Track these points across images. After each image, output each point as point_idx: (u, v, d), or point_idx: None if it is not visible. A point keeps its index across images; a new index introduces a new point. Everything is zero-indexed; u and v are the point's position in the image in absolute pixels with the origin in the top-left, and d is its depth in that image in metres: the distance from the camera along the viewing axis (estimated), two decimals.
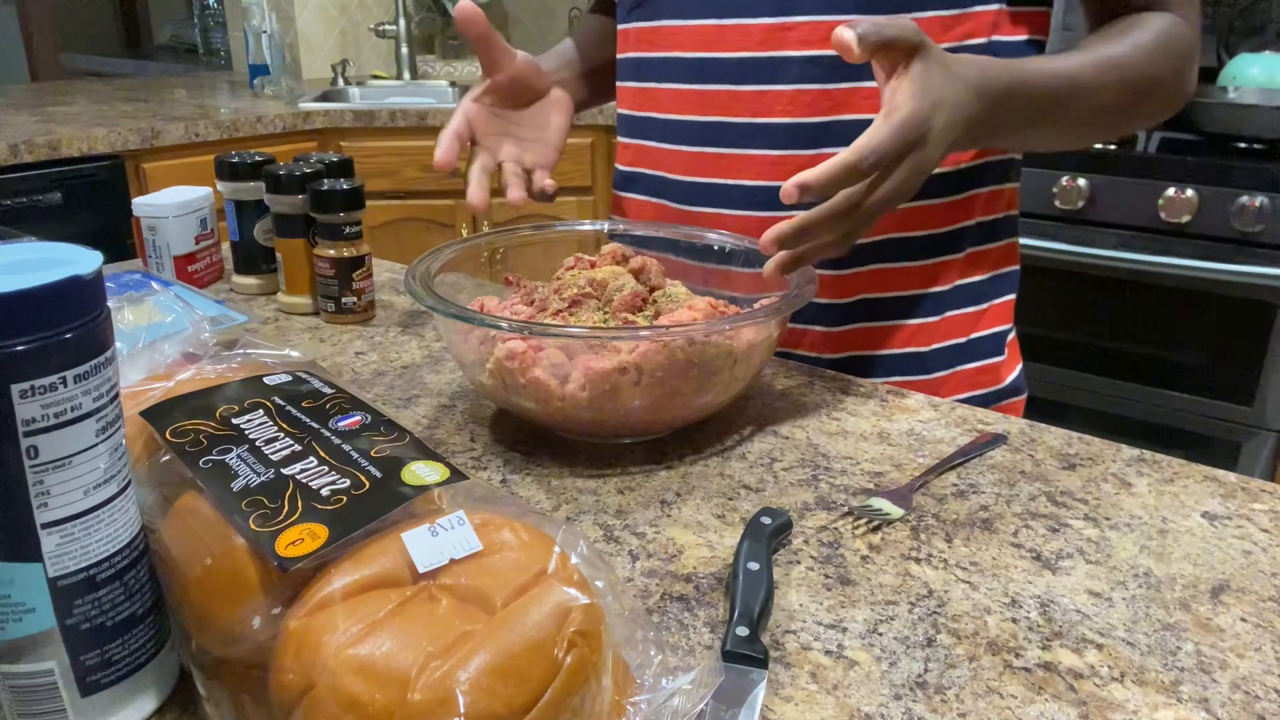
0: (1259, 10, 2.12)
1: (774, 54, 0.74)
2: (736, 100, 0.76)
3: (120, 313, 0.62)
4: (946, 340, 0.81)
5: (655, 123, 0.83)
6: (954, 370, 0.82)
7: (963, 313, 0.81)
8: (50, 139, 1.84)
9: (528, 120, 0.82)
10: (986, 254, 0.82)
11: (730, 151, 0.78)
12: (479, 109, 0.79)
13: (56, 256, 0.36)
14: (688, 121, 0.80)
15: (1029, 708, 0.42)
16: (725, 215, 0.79)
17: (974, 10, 0.73)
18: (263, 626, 0.35)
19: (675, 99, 0.80)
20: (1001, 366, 0.84)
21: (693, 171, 0.80)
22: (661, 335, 0.57)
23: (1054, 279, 1.89)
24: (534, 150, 0.81)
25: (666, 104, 0.81)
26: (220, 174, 0.92)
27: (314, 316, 0.89)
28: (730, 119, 0.77)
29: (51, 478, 0.35)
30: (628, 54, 0.85)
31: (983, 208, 0.80)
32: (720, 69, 0.77)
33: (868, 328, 0.80)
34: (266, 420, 0.44)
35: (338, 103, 2.47)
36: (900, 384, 0.79)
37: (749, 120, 0.76)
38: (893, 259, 0.78)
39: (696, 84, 0.78)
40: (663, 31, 0.80)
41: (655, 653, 0.39)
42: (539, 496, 0.58)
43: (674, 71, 0.80)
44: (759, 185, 0.77)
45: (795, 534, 0.54)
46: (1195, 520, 0.57)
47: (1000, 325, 0.84)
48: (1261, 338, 1.72)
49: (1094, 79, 0.69)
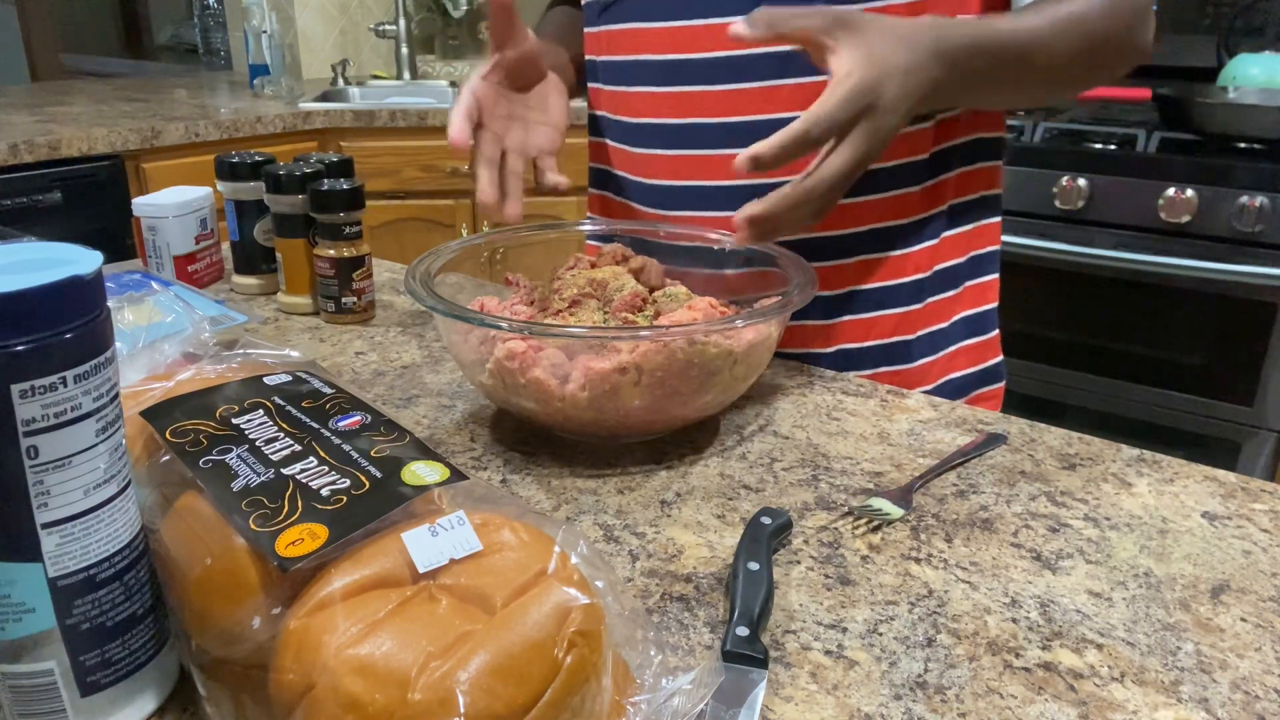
0: (1259, 10, 2.12)
1: (745, 52, 0.74)
2: (710, 100, 0.76)
3: (120, 313, 0.63)
4: (929, 326, 0.82)
5: (629, 126, 0.82)
6: (939, 355, 0.82)
7: (942, 297, 0.82)
8: (50, 139, 1.84)
9: (531, 102, 0.81)
10: (960, 237, 0.82)
11: (706, 153, 0.78)
12: (487, 87, 0.77)
13: (56, 256, 0.36)
14: (662, 124, 0.79)
15: (1029, 708, 0.42)
16: (704, 218, 0.79)
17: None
18: (263, 626, 0.35)
19: (647, 102, 0.80)
20: (985, 347, 0.85)
21: (671, 175, 0.80)
22: (661, 335, 0.57)
23: (1054, 279, 1.89)
24: (539, 132, 0.80)
25: (639, 108, 0.81)
26: (220, 174, 0.92)
27: (314, 316, 0.89)
28: (705, 120, 0.77)
29: (51, 478, 0.35)
30: (598, 57, 0.85)
31: (954, 191, 0.81)
32: (692, 70, 0.77)
33: (856, 319, 0.80)
34: (266, 420, 0.44)
35: (338, 103, 2.47)
36: (889, 374, 0.79)
37: (724, 120, 0.76)
38: (871, 250, 0.79)
39: (669, 86, 0.78)
40: (631, 34, 0.80)
41: (655, 653, 0.39)
42: (539, 496, 0.58)
43: (645, 74, 0.80)
44: (737, 185, 0.77)
45: (795, 534, 0.54)
46: (1195, 520, 0.57)
47: (983, 305, 0.85)
48: (1261, 338, 1.72)
49: (1052, 36, 0.69)
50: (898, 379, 0.80)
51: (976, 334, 0.84)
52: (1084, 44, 0.70)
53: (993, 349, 0.86)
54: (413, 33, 2.87)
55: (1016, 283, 1.86)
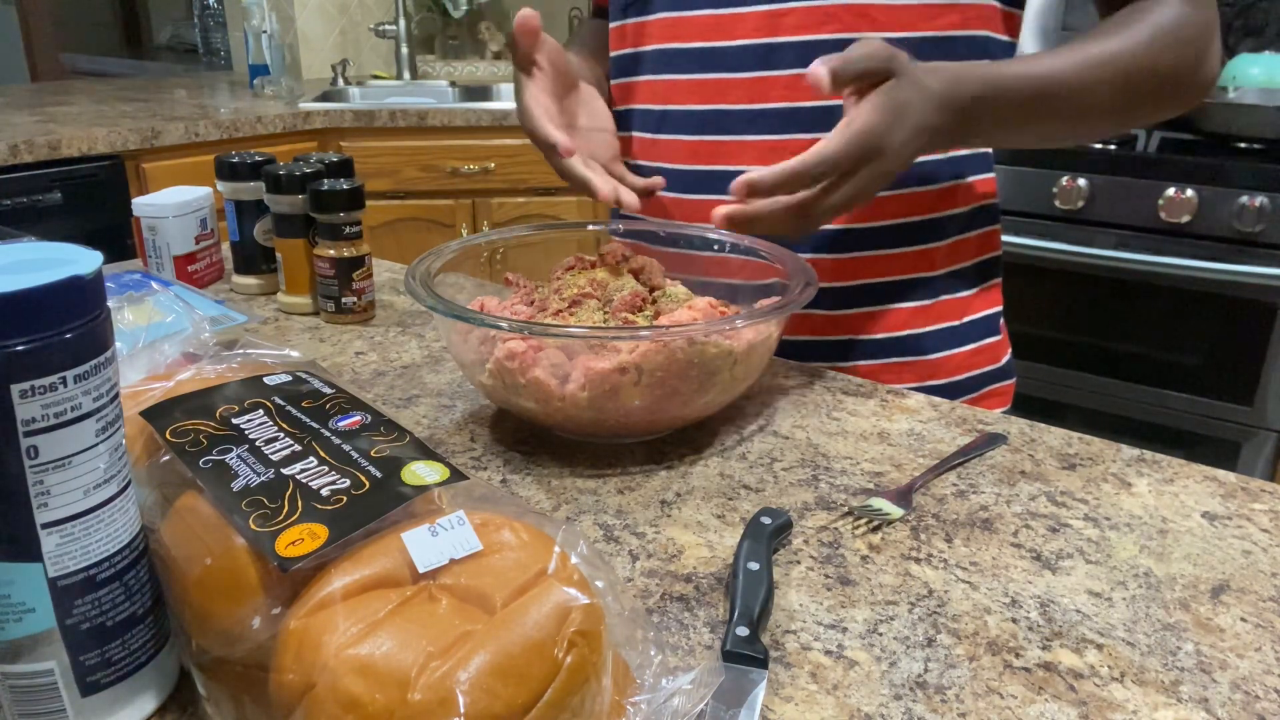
0: (1259, 10, 2.12)
1: (770, 40, 0.75)
2: (735, 87, 0.77)
3: (120, 313, 0.63)
4: (941, 323, 0.82)
5: (652, 114, 0.83)
6: (952, 352, 0.83)
7: (955, 297, 0.83)
8: (50, 139, 1.84)
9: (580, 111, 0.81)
10: (969, 240, 0.83)
11: (729, 139, 0.79)
12: (548, 98, 0.76)
13: (56, 256, 0.36)
14: (686, 111, 0.80)
15: (1029, 708, 0.42)
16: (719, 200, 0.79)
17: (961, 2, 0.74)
18: (263, 626, 0.35)
19: (672, 89, 0.81)
20: (998, 346, 0.86)
21: (693, 160, 0.81)
22: (661, 335, 0.57)
23: (1054, 279, 1.89)
24: (597, 141, 0.80)
25: (664, 95, 0.82)
26: (220, 174, 0.92)
27: (314, 316, 0.89)
28: (729, 106, 0.78)
29: (51, 478, 0.35)
30: (623, 50, 0.85)
31: (964, 196, 0.82)
32: (717, 57, 0.78)
33: (867, 312, 0.81)
34: (266, 420, 0.44)
35: (338, 103, 2.47)
36: (898, 364, 0.80)
37: (747, 107, 0.77)
38: (886, 245, 0.79)
39: (694, 74, 0.79)
40: (657, 24, 0.81)
41: (655, 653, 0.39)
42: (539, 496, 0.58)
43: (671, 62, 0.81)
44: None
45: (795, 534, 0.54)
46: (1195, 520, 0.57)
47: (992, 308, 0.86)
48: (1261, 338, 1.72)
49: (1079, 78, 0.68)
50: (910, 370, 0.81)
51: (990, 334, 0.86)
52: (1122, 84, 0.69)
53: (1004, 346, 0.88)
54: (413, 33, 2.88)
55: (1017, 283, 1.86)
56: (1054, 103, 0.69)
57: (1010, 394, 0.89)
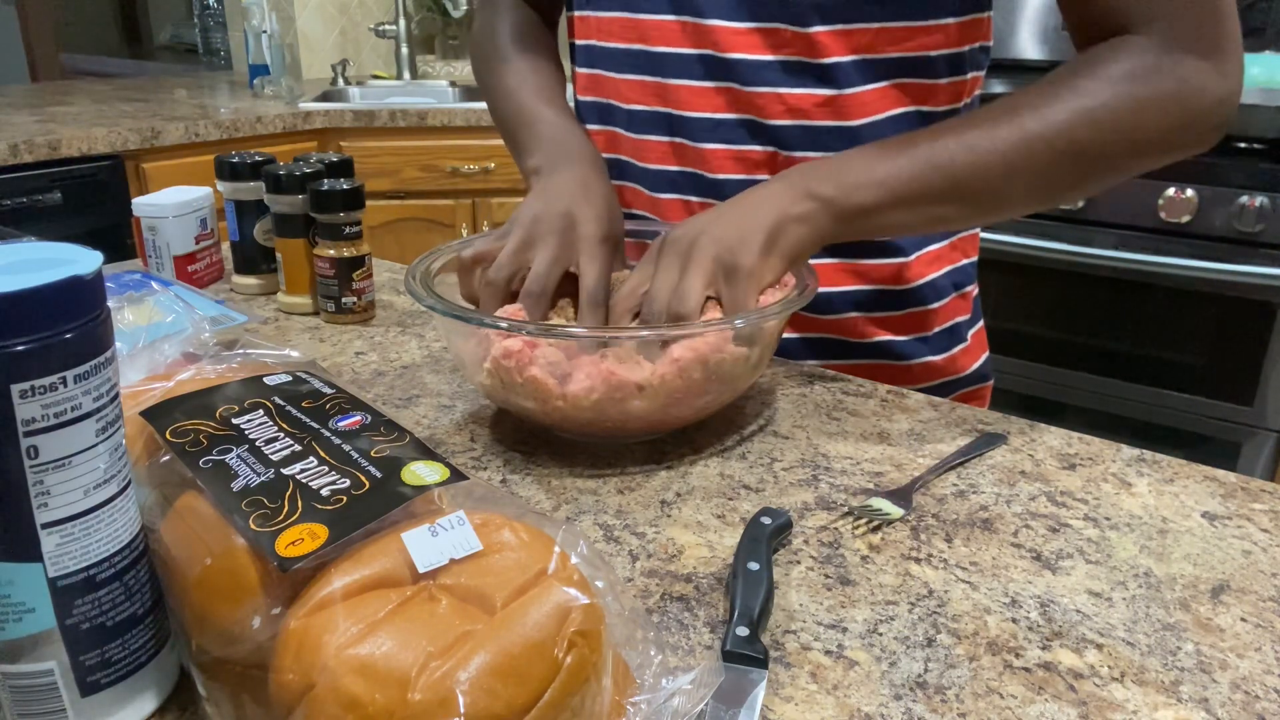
0: (1259, 10, 2.12)
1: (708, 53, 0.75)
2: (690, 95, 0.77)
3: (120, 313, 0.62)
4: (914, 334, 0.82)
5: (619, 111, 0.83)
6: (923, 360, 0.83)
7: (927, 308, 0.82)
8: (50, 139, 1.84)
9: None
10: (941, 252, 0.82)
11: (690, 144, 0.78)
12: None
13: (56, 256, 0.36)
14: (648, 111, 0.80)
15: (1029, 708, 0.42)
16: (694, 202, 0.80)
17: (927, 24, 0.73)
18: (263, 626, 0.35)
19: (633, 89, 0.81)
20: (961, 356, 0.85)
21: (661, 160, 0.81)
22: (661, 335, 0.57)
23: (1054, 279, 1.88)
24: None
25: (626, 94, 0.81)
26: (220, 174, 0.92)
27: (314, 316, 0.89)
28: (687, 113, 0.78)
29: (51, 478, 0.35)
30: (586, 41, 0.85)
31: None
32: (668, 62, 0.77)
33: (847, 318, 0.81)
34: (266, 420, 0.44)
35: (338, 103, 2.47)
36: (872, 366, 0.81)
37: (706, 115, 0.77)
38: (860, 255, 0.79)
39: (649, 76, 0.79)
40: (612, 22, 0.80)
41: (655, 653, 0.39)
42: (539, 496, 0.58)
43: (628, 62, 0.80)
44: (721, 179, 0.78)
45: (795, 534, 0.54)
46: (1195, 520, 0.57)
47: (959, 316, 0.85)
48: (1261, 338, 1.72)
49: (1004, 158, 0.62)
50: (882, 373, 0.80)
51: (956, 345, 0.85)
52: (1057, 157, 0.63)
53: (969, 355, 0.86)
54: (413, 33, 2.88)
55: (1016, 283, 1.87)
56: (971, 185, 0.63)
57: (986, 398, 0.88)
